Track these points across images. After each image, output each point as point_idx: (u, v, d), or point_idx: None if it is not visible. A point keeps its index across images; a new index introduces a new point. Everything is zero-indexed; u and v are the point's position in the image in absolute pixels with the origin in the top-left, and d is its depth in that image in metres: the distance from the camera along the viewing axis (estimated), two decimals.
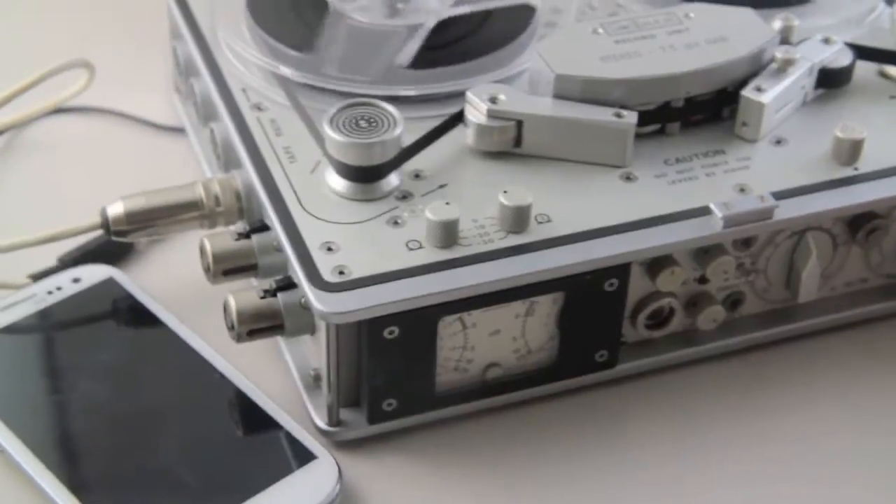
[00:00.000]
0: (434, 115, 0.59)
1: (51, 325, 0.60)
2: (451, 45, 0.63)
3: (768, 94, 0.58)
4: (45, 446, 0.54)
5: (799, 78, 0.60)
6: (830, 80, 0.61)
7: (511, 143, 0.57)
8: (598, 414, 0.58)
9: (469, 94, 0.57)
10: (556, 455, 0.56)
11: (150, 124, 0.72)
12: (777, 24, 0.61)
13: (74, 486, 0.53)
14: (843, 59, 0.61)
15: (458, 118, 0.58)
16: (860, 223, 0.59)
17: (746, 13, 0.61)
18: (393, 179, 0.56)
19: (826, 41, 0.61)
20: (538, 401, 0.58)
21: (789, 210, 0.56)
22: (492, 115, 0.57)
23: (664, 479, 0.55)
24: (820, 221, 0.58)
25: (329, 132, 0.55)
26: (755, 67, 0.60)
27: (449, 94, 0.61)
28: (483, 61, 0.62)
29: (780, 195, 0.56)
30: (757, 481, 0.55)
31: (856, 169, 0.58)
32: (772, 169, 0.58)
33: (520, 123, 0.57)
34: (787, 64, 0.59)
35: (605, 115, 0.57)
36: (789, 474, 0.56)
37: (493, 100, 0.57)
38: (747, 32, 0.60)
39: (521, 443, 0.56)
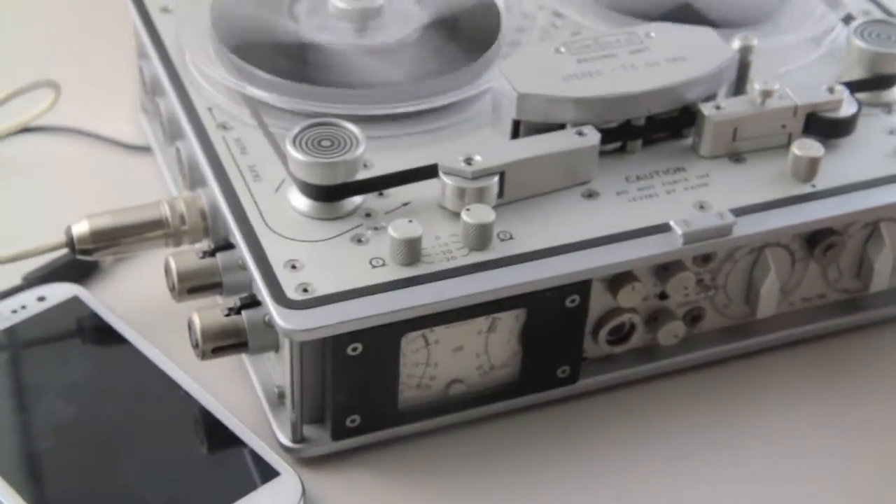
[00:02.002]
0: (399, 134, 0.60)
1: (15, 344, 0.60)
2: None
3: (722, 112, 0.59)
4: (7, 464, 0.54)
5: (774, 112, 0.59)
6: (831, 130, 0.60)
7: (494, 199, 0.56)
8: (561, 429, 0.58)
9: (442, 166, 0.56)
10: (518, 470, 0.56)
11: (116, 143, 0.72)
12: (736, 44, 0.62)
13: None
14: (847, 108, 0.60)
15: (431, 172, 0.56)
16: (818, 239, 0.60)
17: (706, 33, 0.62)
18: (356, 198, 0.57)
19: (830, 90, 0.60)
20: (501, 416, 0.58)
21: (748, 226, 0.57)
22: (476, 175, 0.55)
23: (626, 493, 0.56)
24: (778, 238, 0.59)
25: (291, 151, 0.55)
26: (714, 86, 0.60)
27: (414, 112, 0.61)
28: (445, 80, 0.62)
29: (738, 212, 0.57)
30: (718, 494, 0.56)
31: (813, 186, 0.59)
32: (731, 186, 0.58)
33: (502, 175, 0.56)
34: (766, 95, 0.59)
35: (570, 138, 0.57)
36: (750, 487, 0.56)
37: (469, 161, 0.56)
38: (707, 52, 0.61)
39: (484, 458, 0.57)
